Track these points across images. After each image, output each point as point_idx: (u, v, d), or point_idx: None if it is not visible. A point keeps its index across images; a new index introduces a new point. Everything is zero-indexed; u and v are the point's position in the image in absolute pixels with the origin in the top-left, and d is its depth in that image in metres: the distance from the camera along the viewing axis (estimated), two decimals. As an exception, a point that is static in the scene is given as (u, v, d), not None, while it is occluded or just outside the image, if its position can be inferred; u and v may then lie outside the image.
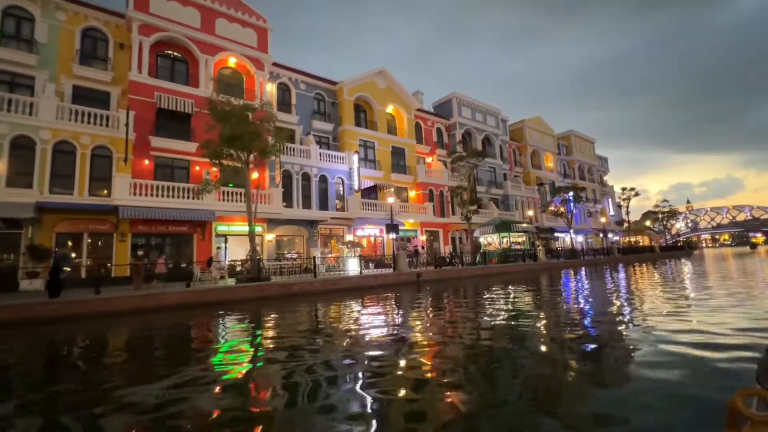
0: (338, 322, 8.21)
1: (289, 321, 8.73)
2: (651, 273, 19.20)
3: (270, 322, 8.81)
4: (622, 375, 4.21)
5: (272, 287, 12.86)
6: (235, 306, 11.18)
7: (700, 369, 4.14)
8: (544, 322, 7.26)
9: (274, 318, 9.25)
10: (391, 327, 7.27)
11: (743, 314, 7.01)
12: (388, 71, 30.77)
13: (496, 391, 3.89)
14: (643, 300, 9.45)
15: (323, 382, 4.28)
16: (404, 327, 7.27)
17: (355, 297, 12.77)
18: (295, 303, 11.63)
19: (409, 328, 7.09)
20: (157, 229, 18.60)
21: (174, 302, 10.70)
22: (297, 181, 23.64)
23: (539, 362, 4.89)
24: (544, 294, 11.87)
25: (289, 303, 11.68)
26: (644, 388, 3.70)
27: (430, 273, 18.33)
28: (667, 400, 3.37)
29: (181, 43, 21.20)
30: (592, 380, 4.16)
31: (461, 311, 8.99)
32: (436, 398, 3.74)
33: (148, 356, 6.19)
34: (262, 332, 7.72)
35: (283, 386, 4.26)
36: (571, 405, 3.52)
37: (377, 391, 3.95)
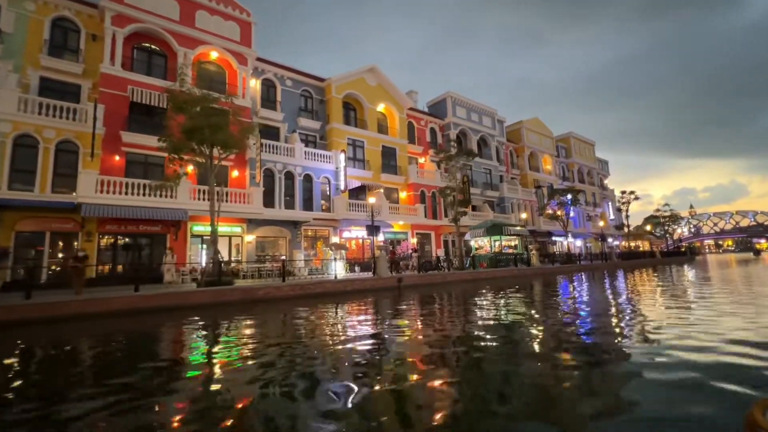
0: (283, 336, 7.24)
1: (232, 332, 7.77)
2: (648, 280, 18.16)
3: (205, 332, 7.85)
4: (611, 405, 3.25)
5: (234, 292, 11.92)
6: (188, 312, 10.25)
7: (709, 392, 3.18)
8: (522, 342, 6.27)
9: (216, 328, 8.29)
10: (341, 349, 6.26)
11: (750, 329, 6.02)
12: (379, 69, 29.92)
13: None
14: (634, 316, 8.45)
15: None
16: (356, 350, 6.27)
17: (326, 303, 11.83)
18: (256, 310, 10.69)
19: (362, 351, 6.09)
20: (127, 229, 17.73)
21: (119, 308, 9.77)
22: (279, 180, 22.74)
23: (517, 394, 3.91)
24: (530, 302, 10.87)
25: (250, 310, 10.75)
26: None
27: (413, 278, 17.34)
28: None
29: (158, 35, 20.41)
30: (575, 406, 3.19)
31: (436, 324, 8.00)
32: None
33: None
34: (187, 346, 6.77)
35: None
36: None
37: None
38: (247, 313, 10.12)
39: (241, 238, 21.37)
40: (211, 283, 12.03)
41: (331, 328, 7.62)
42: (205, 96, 12.55)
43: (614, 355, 5.02)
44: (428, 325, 7.65)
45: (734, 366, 4.25)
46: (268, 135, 24.31)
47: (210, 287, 11.79)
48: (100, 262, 16.95)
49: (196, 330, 8.15)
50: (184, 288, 11.58)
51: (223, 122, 12.53)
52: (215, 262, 12.66)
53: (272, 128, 24.81)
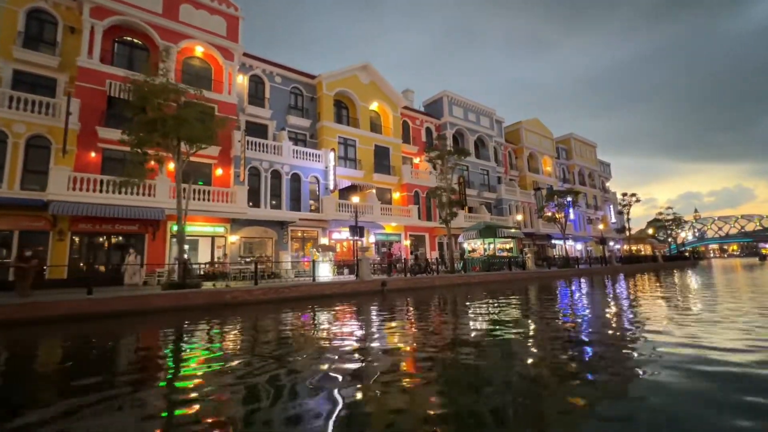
0: (229, 349, 6.46)
1: (168, 344, 7.01)
2: (648, 285, 17.27)
3: (138, 344, 7.09)
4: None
5: (199, 296, 11.17)
6: (141, 318, 9.51)
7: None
8: (501, 357, 5.47)
9: (155, 338, 7.53)
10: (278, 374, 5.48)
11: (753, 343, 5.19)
12: (372, 66, 29.22)
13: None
14: (629, 326, 7.62)
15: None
16: (315, 365, 5.47)
17: (299, 309, 11.08)
18: (220, 315, 9.93)
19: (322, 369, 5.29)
20: (101, 228, 17.04)
21: (66, 313, 9.03)
22: (265, 179, 22.02)
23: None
24: (516, 312, 10.05)
25: (212, 315, 10.00)
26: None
27: (399, 281, 16.54)
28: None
29: (140, 29, 19.79)
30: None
31: (413, 331, 7.21)
32: None
33: None
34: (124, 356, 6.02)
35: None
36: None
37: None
38: (208, 318, 9.36)
39: (224, 238, 20.65)
40: (175, 285, 11.29)
41: (282, 343, 6.83)
42: (169, 86, 11.84)
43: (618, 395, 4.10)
44: (402, 339, 6.85)
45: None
46: (255, 133, 23.63)
47: (173, 290, 11.04)
48: (72, 262, 16.27)
49: (129, 341, 7.39)
50: (144, 291, 10.84)
51: (189, 115, 11.80)
52: (180, 263, 11.92)
53: (260, 126, 24.13)
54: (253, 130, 23.67)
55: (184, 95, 12.67)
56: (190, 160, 20.08)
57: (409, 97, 37.05)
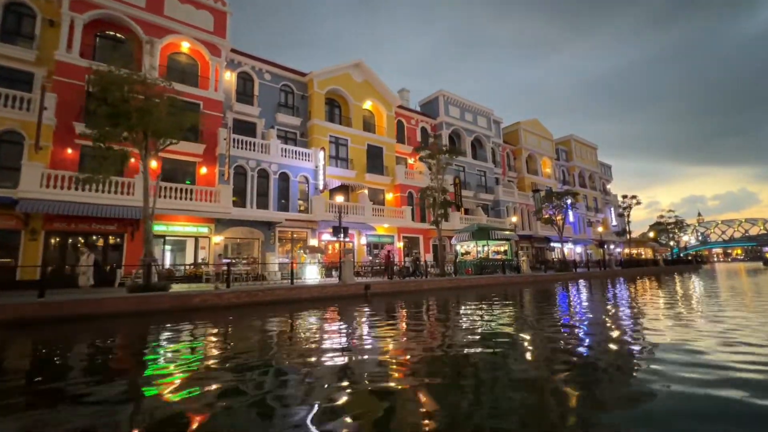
0: (173, 362, 5.81)
1: (113, 352, 6.35)
2: (646, 292, 16.52)
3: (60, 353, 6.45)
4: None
5: (163, 299, 10.52)
6: (94, 323, 8.88)
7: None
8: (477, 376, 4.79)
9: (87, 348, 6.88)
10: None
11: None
12: (365, 64, 28.62)
13: None
14: (622, 337, 6.91)
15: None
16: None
17: (273, 313, 10.45)
18: (182, 320, 9.30)
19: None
20: (77, 227, 16.48)
21: (12, 317, 8.40)
22: (252, 179, 21.41)
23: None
24: (504, 318, 9.36)
25: (175, 319, 9.37)
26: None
27: (384, 285, 15.85)
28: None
29: (123, 23, 19.28)
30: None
31: (383, 345, 6.54)
32: None
33: None
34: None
35: None
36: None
37: None
38: (165, 324, 8.72)
39: (208, 239, 20.04)
40: (139, 288, 10.66)
41: (223, 356, 6.16)
42: (133, 76, 11.21)
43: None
44: (365, 357, 6.18)
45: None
46: (244, 131, 23.07)
47: (135, 293, 10.40)
48: (46, 262, 15.66)
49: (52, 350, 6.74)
50: (102, 294, 10.22)
51: (155, 107, 11.17)
52: (145, 264, 11.29)
53: (248, 124, 23.56)
54: (241, 128, 23.11)
55: (153, 87, 12.03)
56: (172, 158, 19.92)
57: (404, 97, 36.43)
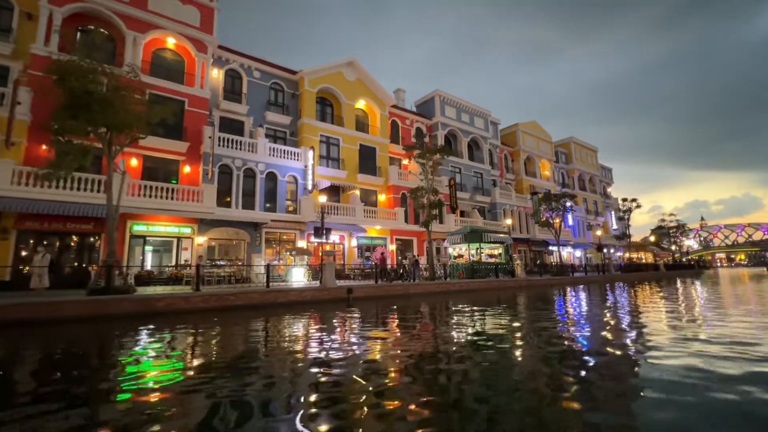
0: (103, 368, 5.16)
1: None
2: (643, 298, 15.79)
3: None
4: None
5: (123, 303, 9.88)
6: (45, 329, 8.25)
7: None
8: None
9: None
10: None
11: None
12: (358, 63, 28.07)
13: None
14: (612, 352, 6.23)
15: None
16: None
17: (240, 319, 9.83)
18: (142, 325, 8.69)
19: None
20: (51, 227, 15.89)
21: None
22: (238, 178, 20.81)
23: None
24: (479, 332, 8.69)
25: (134, 325, 8.77)
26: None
27: (368, 289, 15.18)
28: None
29: (106, 17, 18.78)
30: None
31: (351, 361, 5.88)
32: None
33: None
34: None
35: None
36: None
37: None
38: (120, 331, 8.10)
39: (191, 239, 19.42)
40: (99, 291, 10.03)
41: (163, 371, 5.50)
42: (92, 66, 10.59)
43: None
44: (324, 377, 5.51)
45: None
46: (231, 129, 22.54)
47: (94, 297, 9.77)
48: (17, 262, 15.10)
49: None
50: (56, 297, 9.59)
51: (116, 98, 10.55)
52: (107, 266, 10.66)
53: (236, 122, 23.00)
54: (229, 127, 22.58)
55: (117, 78, 11.39)
56: (154, 156, 19.36)
57: (400, 97, 35.89)
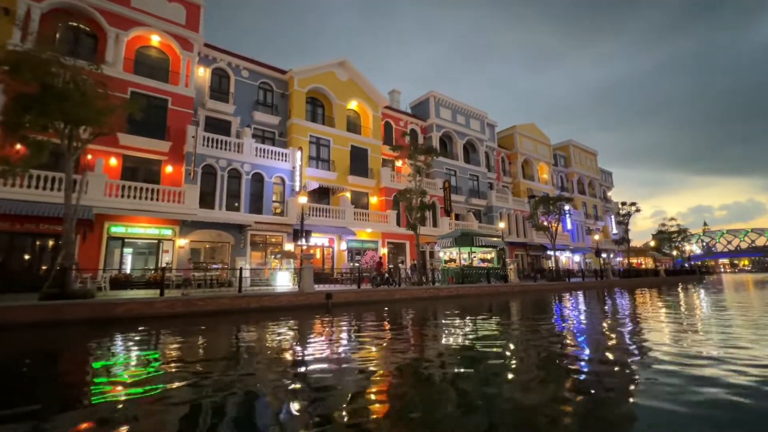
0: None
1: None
2: (641, 306, 15.09)
3: None
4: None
5: (78, 309, 9.28)
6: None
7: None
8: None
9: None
10: None
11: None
12: (350, 63, 27.59)
13: None
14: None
15: None
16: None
17: (206, 326, 9.24)
18: (95, 334, 8.09)
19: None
20: (23, 227, 15.33)
21: None
22: (222, 179, 20.26)
23: None
24: (478, 334, 8.05)
25: (86, 333, 8.18)
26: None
27: (349, 294, 14.53)
28: None
29: (86, 13, 18.37)
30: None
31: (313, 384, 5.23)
32: None
33: None
34: None
35: None
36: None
37: None
38: (63, 340, 7.51)
39: (172, 242, 18.84)
40: (53, 296, 9.43)
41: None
42: (44, 56, 10.02)
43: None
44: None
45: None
46: (217, 129, 22.04)
47: (47, 302, 9.17)
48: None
49: None
50: (2, 302, 8.98)
51: (73, 92, 9.97)
52: (62, 268, 10.06)
53: (222, 122, 22.51)
54: (215, 126, 22.09)
55: (78, 70, 10.83)
56: (134, 155, 18.84)
57: (395, 98, 35.39)
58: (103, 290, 15.16)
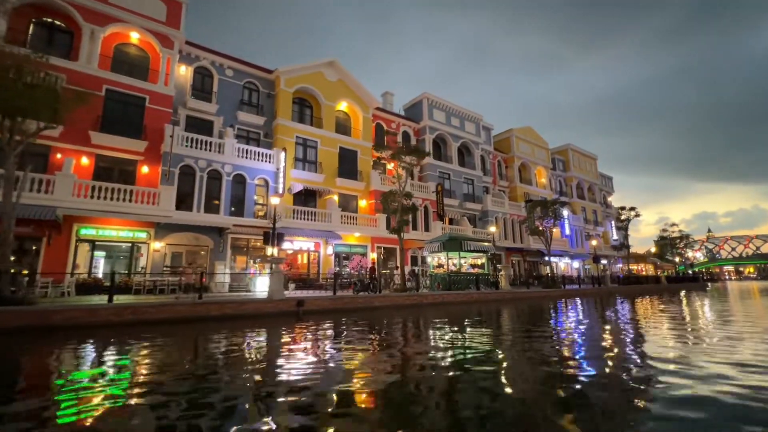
0: None
1: None
2: (638, 317, 14.18)
3: None
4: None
5: (10, 316, 8.48)
6: None
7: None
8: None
9: None
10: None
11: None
12: (339, 63, 26.96)
13: None
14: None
15: None
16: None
17: (156, 336, 8.43)
18: (25, 344, 7.30)
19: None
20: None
21: None
22: (201, 179, 19.54)
23: None
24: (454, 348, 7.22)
25: (14, 343, 7.38)
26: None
27: (323, 301, 13.68)
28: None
29: (61, 9, 17.82)
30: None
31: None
32: None
33: None
34: None
35: None
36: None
37: None
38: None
39: (147, 245, 18.08)
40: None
41: None
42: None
43: None
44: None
45: None
46: (199, 129, 21.38)
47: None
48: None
49: None
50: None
51: (13, 81, 9.25)
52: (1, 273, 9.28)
53: (204, 121, 21.85)
54: (196, 126, 21.43)
55: (28, 64, 10.11)
56: (108, 155, 18.15)
57: (388, 100, 34.74)
58: (67, 295, 14.42)
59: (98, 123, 17.62)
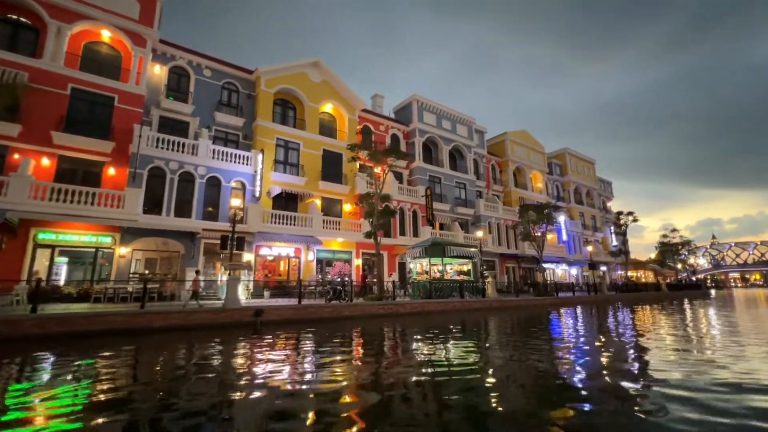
0: None
1: None
2: (635, 329, 13.13)
3: None
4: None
5: None
6: None
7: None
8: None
9: None
10: None
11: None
12: (324, 64, 26.24)
13: None
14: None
15: None
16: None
17: (53, 354, 7.49)
18: None
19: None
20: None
21: None
22: (171, 182, 18.68)
23: None
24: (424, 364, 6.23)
25: None
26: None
27: (286, 311, 12.68)
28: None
29: (26, 5, 17.17)
30: None
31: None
32: None
33: None
34: None
35: None
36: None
37: None
38: None
39: (112, 250, 17.18)
40: None
41: None
42: None
43: None
44: None
45: None
46: (174, 130, 20.61)
47: None
48: None
49: None
50: None
51: None
52: None
53: (179, 122, 21.07)
54: (171, 127, 20.66)
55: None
56: (72, 156, 17.34)
57: (378, 103, 34.04)
58: (16, 304, 13.50)
59: (62, 123, 16.85)
